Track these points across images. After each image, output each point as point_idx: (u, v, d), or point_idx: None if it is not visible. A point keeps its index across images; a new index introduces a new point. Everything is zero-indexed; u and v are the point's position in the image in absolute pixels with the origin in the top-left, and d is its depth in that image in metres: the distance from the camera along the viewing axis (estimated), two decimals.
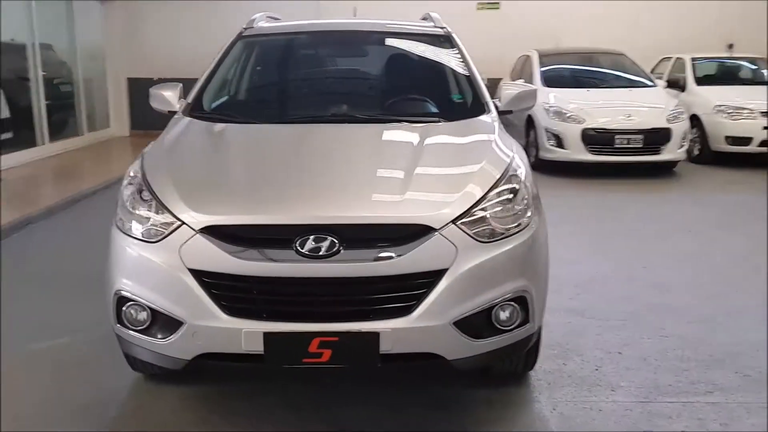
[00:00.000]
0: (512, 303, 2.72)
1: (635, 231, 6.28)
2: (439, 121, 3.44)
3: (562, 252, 5.42)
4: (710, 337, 3.86)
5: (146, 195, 2.79)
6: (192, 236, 2.59)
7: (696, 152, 9.74)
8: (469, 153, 3.03)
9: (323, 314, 2.57)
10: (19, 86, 10.30)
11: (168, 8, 12.92)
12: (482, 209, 2.70)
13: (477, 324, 2.66)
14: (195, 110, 3.64)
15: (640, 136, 8.58)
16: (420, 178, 2.83)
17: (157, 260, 2.63)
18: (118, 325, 2.78)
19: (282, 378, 3.29)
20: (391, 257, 2.55)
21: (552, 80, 9.76)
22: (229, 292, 2.58)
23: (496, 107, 3.73)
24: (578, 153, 8.70)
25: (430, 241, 2.58)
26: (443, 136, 3.28)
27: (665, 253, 5.53)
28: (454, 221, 2.62)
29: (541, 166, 9.06)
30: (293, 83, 4.22)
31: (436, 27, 4.26)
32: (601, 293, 4.59)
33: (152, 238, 2.67)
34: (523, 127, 9.63)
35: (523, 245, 2.75)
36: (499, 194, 2.78)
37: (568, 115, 8.79)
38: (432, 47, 4.14)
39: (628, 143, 8.59)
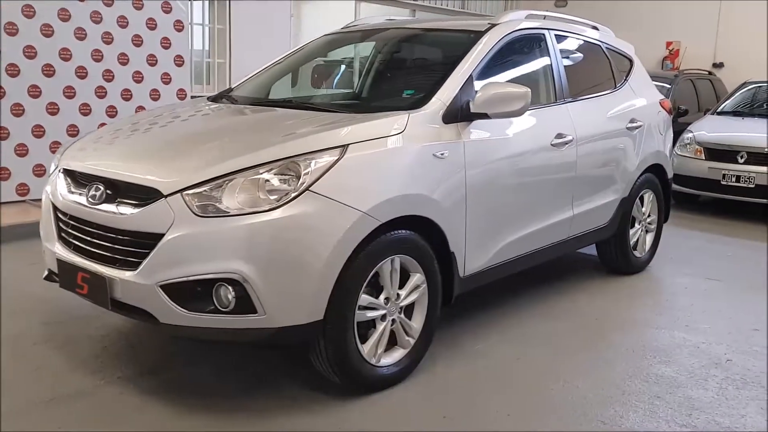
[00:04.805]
0: (227, 285, 2.66)
1: None
2: (347, 112, 3.32)
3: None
4: None
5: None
6: (57, 175, 3.30)
7: None
8: (279, 137, 2.94)
9: (86, 252, 2.99)
10: None
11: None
12: (216, 186, 2.71)
13: (187, 294, 2.71)
14: (225, 92, 4.25)
15: None
16: (202, 151, 2.94)
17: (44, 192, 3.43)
18: None
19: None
20: (122, 213, 2.82)
21: None
22: (58, 222, 3.20)
23: (464, 109, 3.36)
24: None
25: (157, 205, 2.75)
26: (301, 121, 3.22)
27: None
28: (181, 190, 2.72)
29: None
30: (309, 74, 4.44)
31: (489, 24, 3.90)
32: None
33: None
34: None
35: (250, 229, 2.64)
36: (253, 175, 2.72)
37: None
38: (451, 45, 3.85)
39: None
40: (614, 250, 4.91)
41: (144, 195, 2.81)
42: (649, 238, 5.21)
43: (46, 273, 3.36)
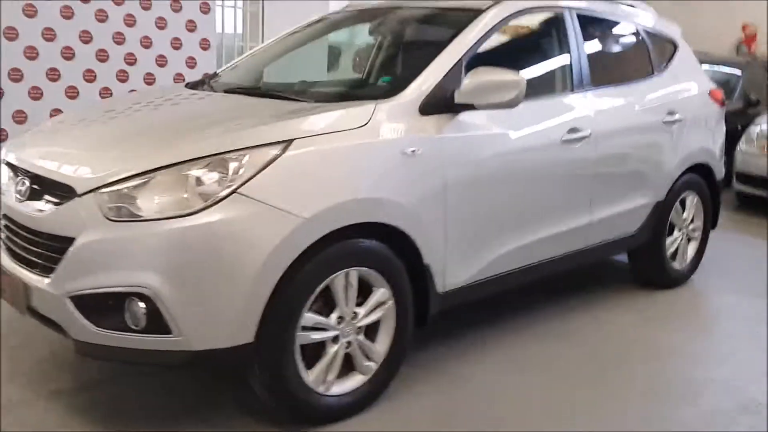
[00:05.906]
0: (137, 300, 2.32)
1: None
2: (310, 102, 2.93)
3: None
4: None
5: None
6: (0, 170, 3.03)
7: None
8: (217, 129, 2.57)
9: (12, 253, 2.70)
10: None
11: None
12: (137, 185, 2.36)
13: (98, 308, 2.38)
14: (210, 77, 3.90)
15: None
16: (130, 145, 2.60)
17: None
18: None
19: None
20: (40, 211, 2.51)
21: None
22: None
23: (449, 99, 2.90)
24: None
25: (70, 204, 2.43)
26: (254, 111, 2.87)
27: None
28: (96, 189, 2.38)
29: None
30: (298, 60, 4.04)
31: (493, 1, 3.40)
32: None
33: None
34: None
35: (162, 236, 2.29)
36: (177, 173, 2.37)
37: None
38: (445, 26, 3.37)
39: None
40: (647, 261, 4.33)
41: (61, 192, 2.49)
42: (692, 248, 4.59)
43: None
